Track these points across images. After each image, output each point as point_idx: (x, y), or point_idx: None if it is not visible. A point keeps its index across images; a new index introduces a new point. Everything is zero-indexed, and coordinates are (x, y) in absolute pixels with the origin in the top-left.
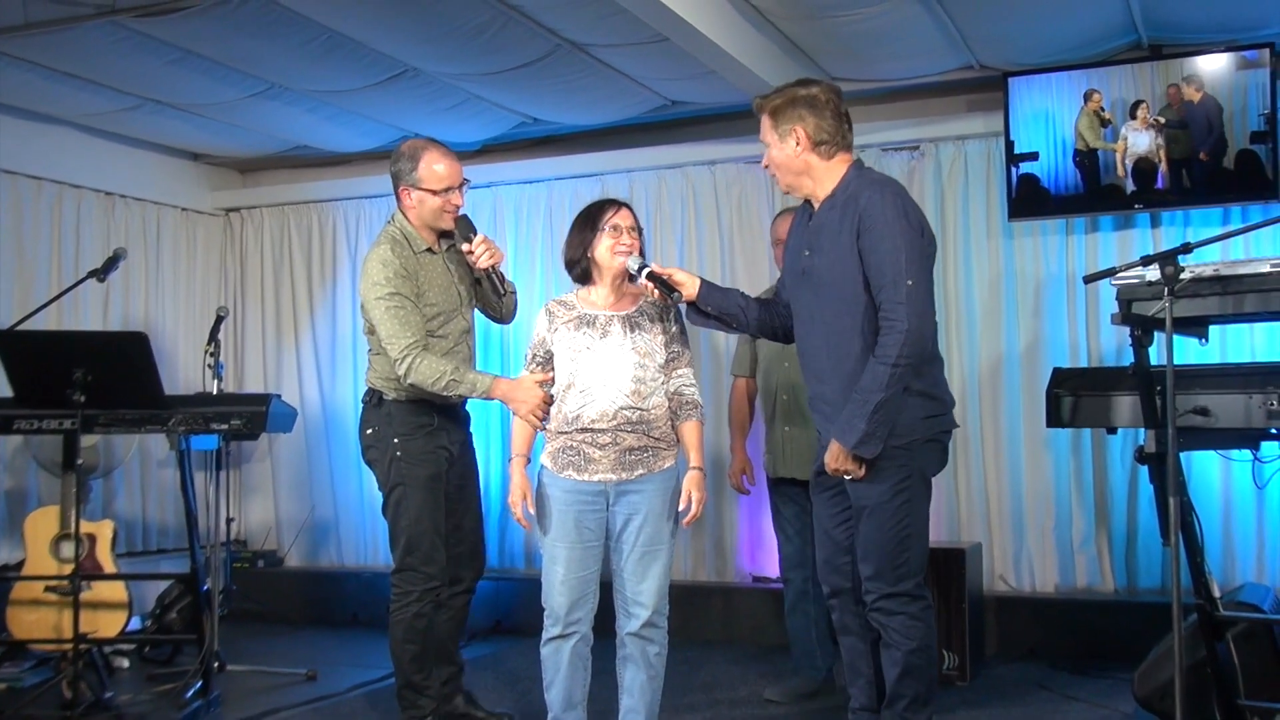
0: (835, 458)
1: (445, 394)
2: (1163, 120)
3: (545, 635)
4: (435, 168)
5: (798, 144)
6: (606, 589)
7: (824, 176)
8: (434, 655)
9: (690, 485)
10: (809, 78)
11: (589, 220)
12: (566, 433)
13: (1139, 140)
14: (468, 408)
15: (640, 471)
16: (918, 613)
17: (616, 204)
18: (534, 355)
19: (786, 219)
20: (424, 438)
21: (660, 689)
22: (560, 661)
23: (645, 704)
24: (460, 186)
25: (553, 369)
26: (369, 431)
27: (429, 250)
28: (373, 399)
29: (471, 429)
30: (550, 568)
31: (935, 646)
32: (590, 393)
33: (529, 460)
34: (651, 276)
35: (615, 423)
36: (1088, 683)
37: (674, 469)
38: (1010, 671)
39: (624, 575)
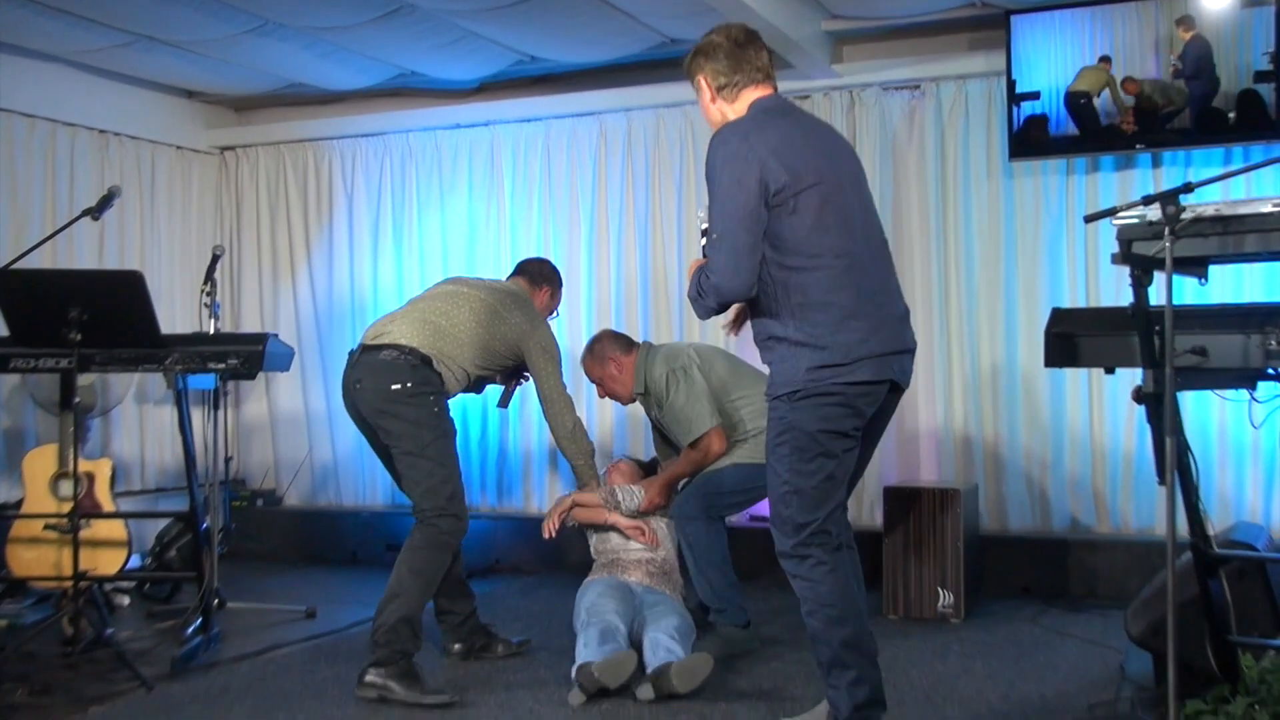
0: None
1: (582, 452)
2: (1170, 67)
3: None
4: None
5: (706, 93)
6: None
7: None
8: (453, 593)
9: None
10: (718, 25)
11: None
12: None
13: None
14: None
15: None
16: (807, 572)
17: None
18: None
19: None
20: (446, 402)
21: None
22: None
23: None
24: None
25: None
26: (396, 387)
27: None
28: (413, 357)
29: None
30: None
31: (839, 604)
32: None
33: None
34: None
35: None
36: (1081, 620)
37: None
38: (1005, 609)
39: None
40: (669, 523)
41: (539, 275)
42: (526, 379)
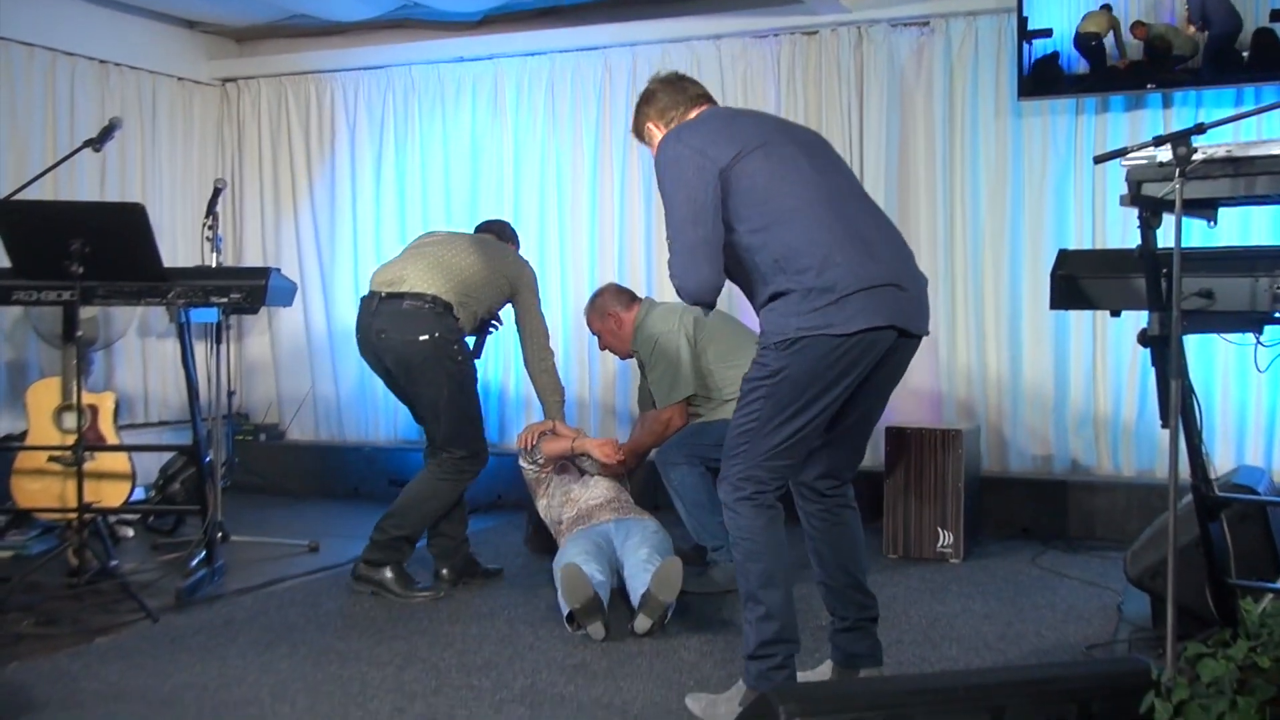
0: None
1: (557, 389)
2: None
3: None
4: None
5: (658, 135)
6: None
7: None
8: (452, 516)
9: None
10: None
11: None
12: None
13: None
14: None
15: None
16: (733, 504)
17: None
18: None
19: None
20: (466, 347)
21: None
22: None
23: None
24: None
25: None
26: (424, 338)
27: None
28: (436, 305)
29: None
30: None
31: (757, 539)
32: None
33: None
34: None
35: None
36: (1079, 561)
37: None
38: (1004, 550)
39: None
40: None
41: (503, 235)
42: (495, 329)
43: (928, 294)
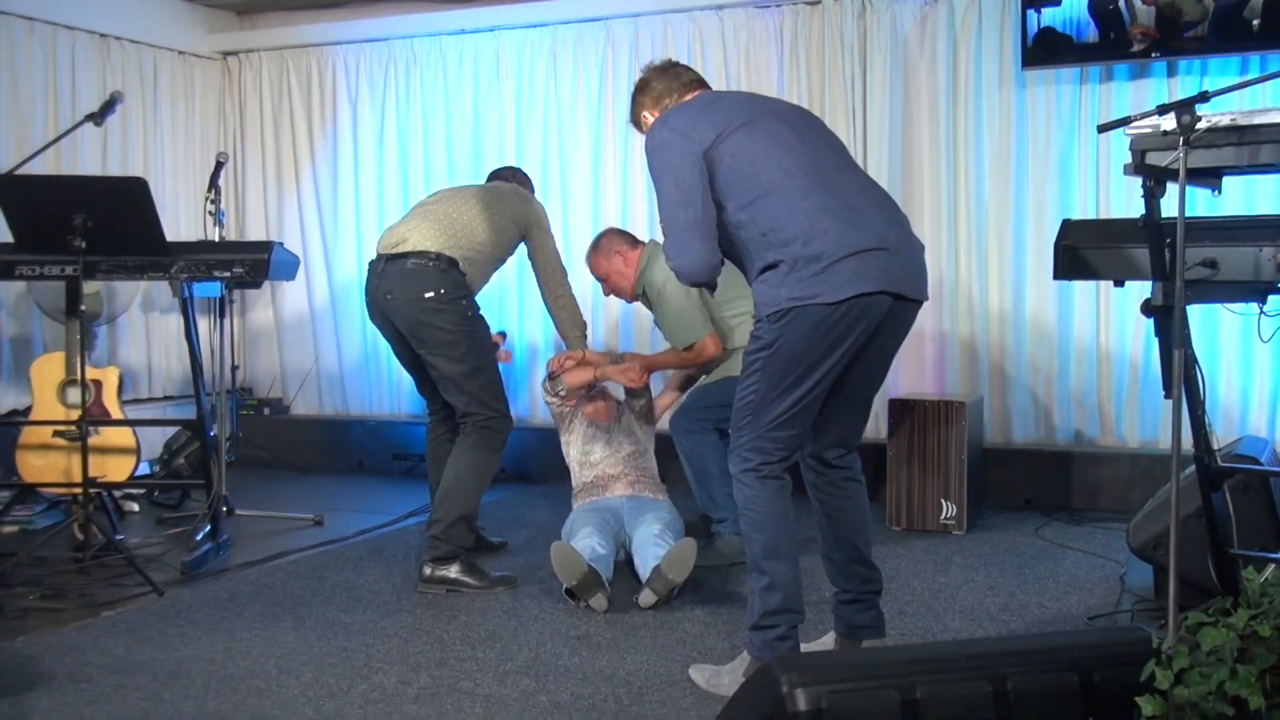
0: None
1: (578, 324)
2: None
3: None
4: None
5: (653, 120)
6: None
7: None
8: None
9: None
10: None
11: None
12: None
13: None
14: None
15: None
16: (740, 475)
17: None
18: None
19: None
20: (476, 303)
21: None
22: None
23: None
24: None
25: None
26: (430, 295)
27: None
28: (440, 262)
29: None
30: None
31: (760, 510)
32: None
33: None
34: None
35: None
36: (1082, 532)
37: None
38: (1007, 521)
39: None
40: (646, 428)
41: (513, 179)
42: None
43: (924, 258)
